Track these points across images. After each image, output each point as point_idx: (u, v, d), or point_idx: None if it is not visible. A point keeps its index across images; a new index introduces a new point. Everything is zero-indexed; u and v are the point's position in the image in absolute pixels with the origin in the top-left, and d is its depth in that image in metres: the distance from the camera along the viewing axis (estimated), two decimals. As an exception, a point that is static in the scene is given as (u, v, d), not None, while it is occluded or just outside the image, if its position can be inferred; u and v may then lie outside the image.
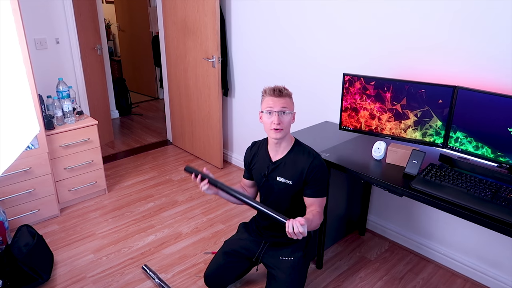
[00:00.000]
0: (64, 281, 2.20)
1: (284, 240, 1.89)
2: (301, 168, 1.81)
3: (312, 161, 1.80)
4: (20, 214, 2.62)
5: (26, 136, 2.45)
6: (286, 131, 1.80)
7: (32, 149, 2.55)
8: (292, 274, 1.88)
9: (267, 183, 1.91)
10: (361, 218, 2.60)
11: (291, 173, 1.84)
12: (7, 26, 2.23)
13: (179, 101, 3.79)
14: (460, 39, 1.97)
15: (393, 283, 2.22)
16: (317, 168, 1.80)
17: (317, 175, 1.80)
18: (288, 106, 1.78)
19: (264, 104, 1.80)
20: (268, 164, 1.90)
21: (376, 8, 2.25)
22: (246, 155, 2.05)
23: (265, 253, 1.99)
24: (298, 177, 1.82)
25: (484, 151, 1.79)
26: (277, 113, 1.75)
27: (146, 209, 2.92)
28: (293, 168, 1.83)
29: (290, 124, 1.82)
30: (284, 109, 1.76)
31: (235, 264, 2.04)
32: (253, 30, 3.07)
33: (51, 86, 2.95)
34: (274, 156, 1.89)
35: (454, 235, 2.26)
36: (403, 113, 2.00)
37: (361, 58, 2.41)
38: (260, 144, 1.99)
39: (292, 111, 1.81)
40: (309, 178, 1.80)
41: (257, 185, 2.03)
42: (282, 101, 1.76)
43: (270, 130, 1.79)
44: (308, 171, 1.79)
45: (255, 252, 2.00)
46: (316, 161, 1.81)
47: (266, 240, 1.99)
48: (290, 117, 1.80)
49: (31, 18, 2.92)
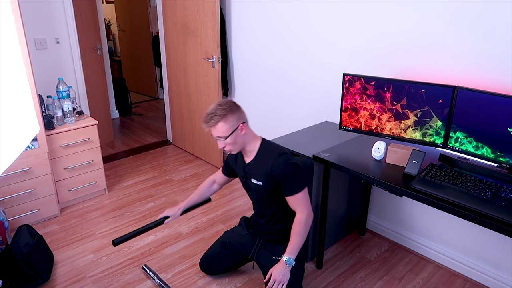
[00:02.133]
0: (64, 281, 2.20)
1: (276, 237, 1.95)
2: (266, 169, 1.82)
3: (274, 161, 1.79)
4: (20, 214, 2.62)
5: (26, 136, 2.45)
6: (238, 145, 1.81)
7: (32, 149, 2.55)
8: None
9: (246, 184, 1.96)
10: (361, 218, 2.60)
11: (260, 175, 1.86)
12: (7, 26, 2.23)
13: (179, 101, 3.79)
14: (460, 39, 1.97)
15: (393, 283, 2.22)
16: (281, 167, 1.77)
17: (284, 174, 1.78)
18: (220, 133, 1.74)
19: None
20: (243, 167, 1.94)
21: (376, 8, 2.25)
22: (229, 156, 2.07)
23: (259, 251, 2.03)
24: (267, 178, 1.84)
25: (484, 151, 1.79)
26: (217, 139, 1.78)
27: (146, 209, 2.92)
28: (261, 169, 1.85)
29: (238, 139, 1.79)
30: (218, 138, 1.76)
31: (229, 256, 2.14)
32: (253, 30, 3.07)
33: (51, 86, 2.95)
34: (246, 159, 1.92)
35: (454, 235, 2.26)
36: (403, 113, 2.00)
37: (361, 58, 2.41)
38: None
39: (231, 132, 1.74)
40: (277, 178, 1.80)
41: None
42: (214, 130, 1.76)
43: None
44: (272, 171, 1.80)
45: (251, 249, 2.06)
46: (281, 159, 1.79)
47: (261, 237, 2.03)
48: (233, 137, 1.75)
49: (31, 18, 2.92)
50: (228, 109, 1.74)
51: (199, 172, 3.52)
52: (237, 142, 1.79)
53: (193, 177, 3.42)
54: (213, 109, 1.75)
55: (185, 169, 3.58)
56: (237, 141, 1.79)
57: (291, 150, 2.20)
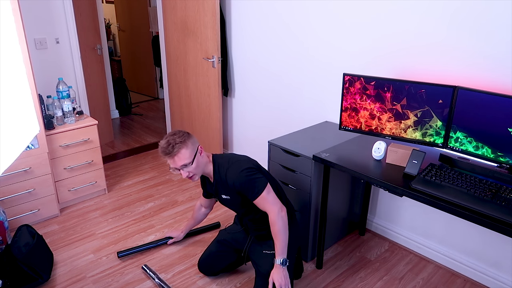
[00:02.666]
0: (64, 281, 2.20)
1: (266, 232, 1.96)
2: (226, 184, 1.88)
3: (227, 175, 1.86)
4: (20, 214, 2.62)
5: (26, 136, 2.45)
6: (200, 169, 1.88)
7: (32, 149, 2.55)
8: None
9: (221, 201, 2.04)
10: (361, 218, 2.60)
11: (225, 190, 1.93)
12: (7, 26, 2.23)
13: (179, 101, 3.79)
14: (459, 39, 1.97)
15: (393, 283, 2.22)
16: (234, 178, 1.83)
17: (241, 182, 1.83)
18: (185, 160, 1.80)
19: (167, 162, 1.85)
20: (211, 187, 2.03)
21: (376, 8, 2.25)
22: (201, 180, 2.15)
23: (251, 247, 2.08)
24: (230, 192, 1.91)
25: (484, 151, 1.79)
26: (180, 169, 1.82)
27: (146, 209, 2.92)
28: (223, 185, 1.92)
29: (200, 163, 1.87)
30: (183, 166, 1.81)
31: (225, 253, 2.18)
32: (253, 30, 3.07)
33: (51, 86, 2.95)
34: (211, 180, 2.00)
35: (454, 235, 2.26)
36: (403, 113, 2.00)
37: (361, 58, 2.41)
38: None
39: (193, 157, 1.82)
40: (238, 189, 1.85)
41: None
42: (177, 159, 1.80)
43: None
44: (232, 185, 1.86)
45: (244, 244, 2.11)
46: (230, 171, 1.85)
47: (252, 233, 2.08)
48: (196, 162, 1.83)
49: (31, 18, 2.92)
50: (184, 136, 1.83)
51: (199, 172, 3.52)
52: (199, 165, 1.86)
53: (193, 177, 3.42)
54: (170, 140, 1.80)
55: (185, 169, 3.58)
56: (199, 164, 1.87)
57: (291, 150, 2.20)
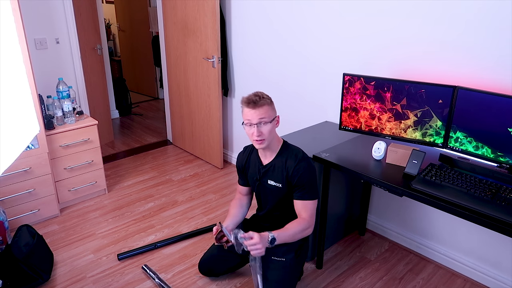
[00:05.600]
0: (64, 281, 2.20)
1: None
2: (287, 171, 1.82)
3: (296, 164, 1.80)
4: (20, 214, 2.62)
5: (26, 136, 2.45)
6: (269, 139, 1.80)
7: (32, 149, 2.55)
8: (282, 275, 1.88)
9: (261, 186, 1.94)
10: (361, 218, 2.60)
11: (280, 177, 1.86)
12: (7, 26, 2.23)
13: (179, 101, 3.79)
14: (460, 38, 1.97)
15: (393, 283, 2.22)
16: (301, 171, 1.79)
17: (302, 178, 1.79)
18: (266, 115, 1.74)
19: (243, 116, 1.79)
20: (259, 168, 1.92)
21: (376, 8, 2.25)
22: (238, 160, 2.06)
23: None
24: (284, 180, 1.84)
25: (484, 151, 1.79)
26: (256, 125, 1.74)
27: (146, 209, 2.92)
28: (281, 171, 1.85)
29: (273, 131, 1.81)
30: (262, 120, 1.74)
31: (227, 257, 2.10)
32: (253, 30, 3.07)
33: (51, 86, 2.95)
34: (264, 160, 1.92)
35: (454, 235, 2.26)
36: (403, 113, 2.00)
37: (361, 58, 2.41)
38: (251, 148, 2.02)
39: (272, 118, 1.78)
40: (295, 182, 1.81)
41: (252, 190, 2.06)
42: (259, 112, 1.73)
43: (253, 141, 1.80)
44: (292, 174, 1.80)
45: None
46: (302, 164, 1.80)
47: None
48: (271, 125, 1.77)
49: (31, 18, 2.92)
50: (270, 98, 1.80)
51: (199, 172, 3.52)
52: (271, 132, 1.80)
53: (193, 177, 3.42)
54: (258, 93, 1.77)
55: (185, 169, 3.58)
56: (272, 131, 1.80)
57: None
